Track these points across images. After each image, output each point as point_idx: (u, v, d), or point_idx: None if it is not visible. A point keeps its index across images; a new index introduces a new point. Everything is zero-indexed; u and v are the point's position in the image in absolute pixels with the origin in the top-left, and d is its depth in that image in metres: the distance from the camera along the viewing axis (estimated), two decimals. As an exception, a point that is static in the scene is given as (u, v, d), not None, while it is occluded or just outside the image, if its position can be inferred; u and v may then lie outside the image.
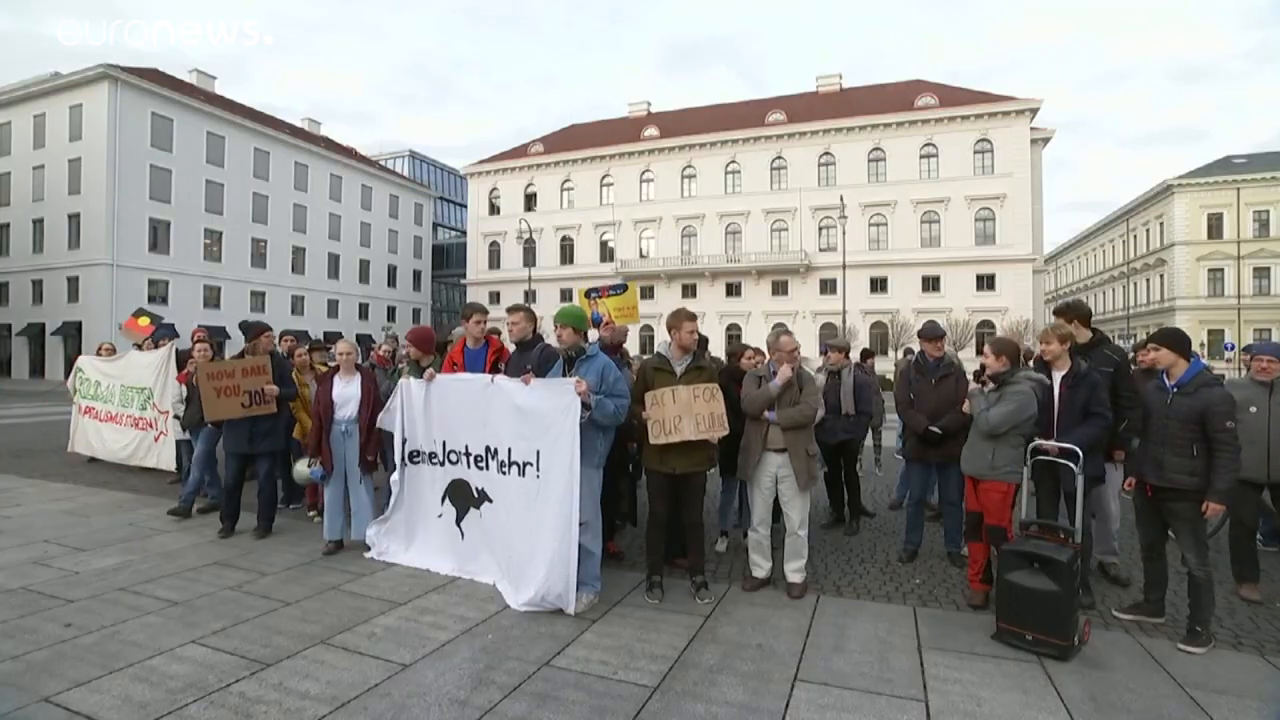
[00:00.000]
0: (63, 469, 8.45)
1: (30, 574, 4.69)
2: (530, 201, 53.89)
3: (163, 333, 9.28)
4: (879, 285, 43.88)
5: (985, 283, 41.81)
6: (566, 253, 52.74)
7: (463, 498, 4.63)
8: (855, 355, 8.17)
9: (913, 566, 5.10)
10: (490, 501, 4.48)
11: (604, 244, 51.44)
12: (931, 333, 5.52)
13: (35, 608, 4.07)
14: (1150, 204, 52.15)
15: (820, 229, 45.28)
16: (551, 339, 4.76)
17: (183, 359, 8.13)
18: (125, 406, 8.27)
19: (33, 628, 3.78)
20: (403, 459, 4.91)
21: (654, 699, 3.11)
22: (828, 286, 44.34)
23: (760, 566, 4.60)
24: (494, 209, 55.40)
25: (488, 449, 4.50)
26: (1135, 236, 55.15)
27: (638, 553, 5.22)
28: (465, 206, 62.24)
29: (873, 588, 4.62)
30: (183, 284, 41.04)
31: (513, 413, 4.32)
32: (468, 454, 4.62)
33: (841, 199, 37.89)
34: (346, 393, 5.33)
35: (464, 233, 62.45)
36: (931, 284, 42.85)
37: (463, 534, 4.66)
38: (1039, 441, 4.19)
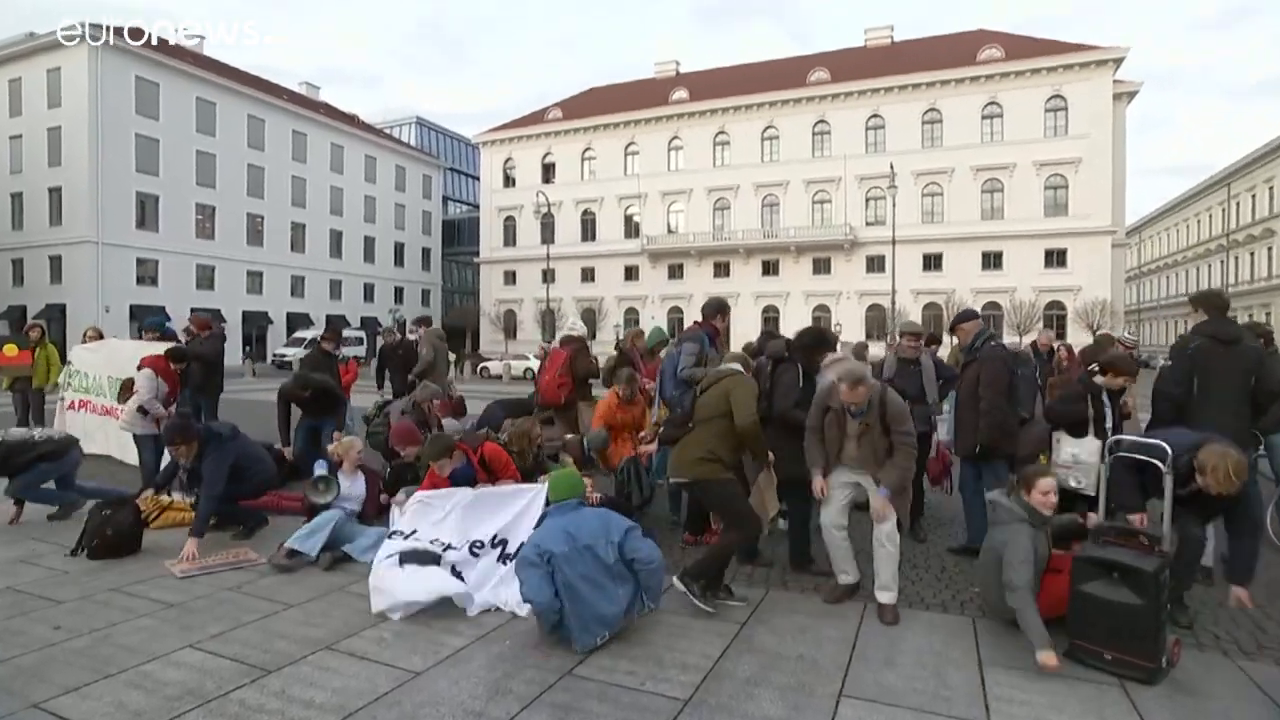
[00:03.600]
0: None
1: (17, 573, 4.82)
2: (548, 172, 53.99)
3: (154, 321, 9.45)
4: (932, 262, 43.26)
5: (1055, 259, 40.93)
6: (588, 228, 52.81)
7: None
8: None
9: (972, 572, 5.02)
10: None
11: (629, 218, 51.40)
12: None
13: (22, 609, 4.18)
14: (1257, 165, 50.12)
15: (867, 200, 44.73)
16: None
17: (181, 352, 8.30)
18: (113, 399, 8.46)
19: (20, 629, 3.88)
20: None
21: (685, 713, 3.11)
22: (875, 264, 43.83)
23: (847, 574, 4.40)
24: (509, 181, 55.61)
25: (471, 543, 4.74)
26: (1238, 204, 53.26)
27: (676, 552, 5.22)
28: (477, 178, 62.59)
29: (926, 595, 4.56)
30: (174, 263, 41.86)
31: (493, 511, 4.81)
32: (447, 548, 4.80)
33: (891, 167, 37.33)
34: (352, 491, 5.59)
35: (476, 207, 62.88)
36: (992, 260, 42.12)
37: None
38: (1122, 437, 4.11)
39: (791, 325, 32.38)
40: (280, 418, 7.36)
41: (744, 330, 45.72)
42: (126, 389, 7.58)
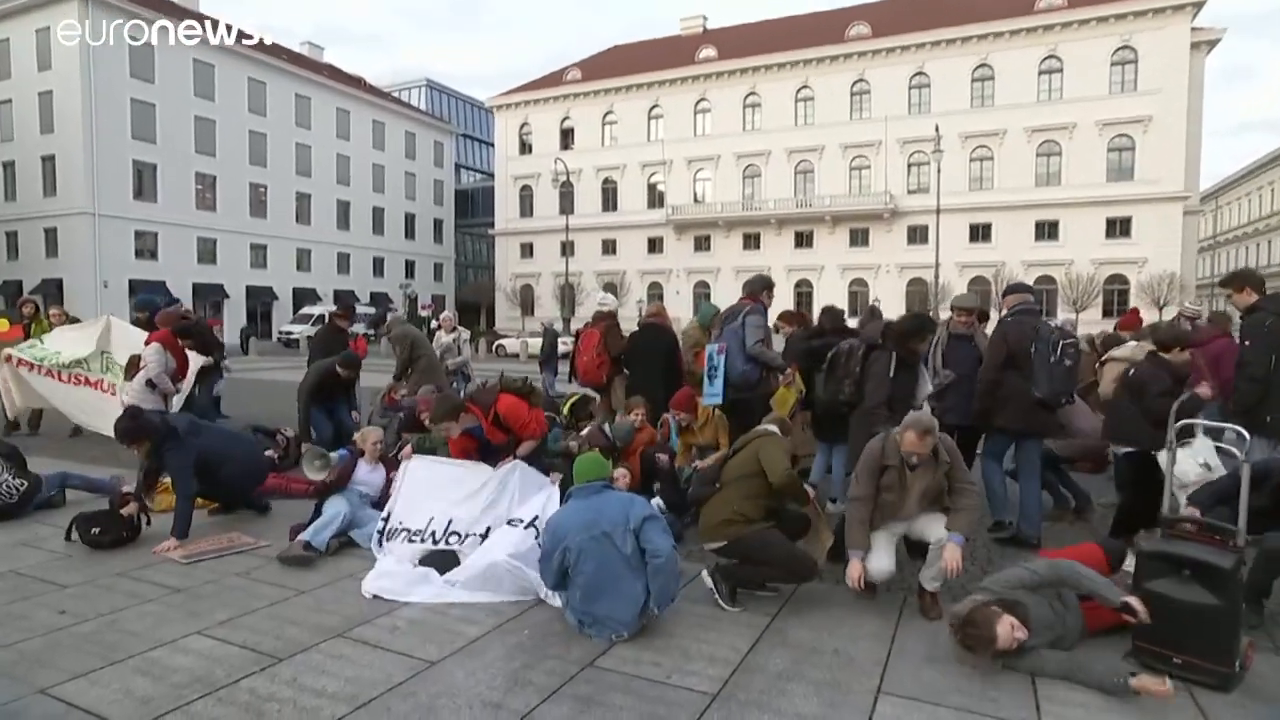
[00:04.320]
0: (48, 444, 8.88)
1: (19, 556, 4.96)
2: (567, 138, 53.89)
3: (145, 299, 9.61)
4: (980, 233, 42.65)
5: (1118, 228, 40.10)
6: (609, 197, 52.74)
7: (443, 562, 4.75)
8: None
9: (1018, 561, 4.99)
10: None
11: (652, 187, 51.22)
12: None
13: (26, 593, 4.31)
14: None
15: (910, 166, 44.14)
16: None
17: (188, 327, 8.46)
18: (78, 369, 8.69)
19: (24, 614, 4.00)
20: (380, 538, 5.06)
21: (714, 708, 3.14)
22: (917, 234, 43.33)
23: (934, 581, 4.23)
24: (525, 147, 55.60)
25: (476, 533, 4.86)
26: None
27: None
28: (492, 145, 62.70)
29: (971, 588, 4.52)
30: (173, 236, 42.48)
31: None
32: (455, 533, 4.92)
33: (937, 129, 36.61)
34: (371, 479, 5.71)
35: (491, 175, 63.02)
36: (1047, 230, 41.42)
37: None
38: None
39: (826, 300, 32.03)
40: (304, 406, 7.51)
41: (777, 301, 45.62)
42: (133, 366, 7.76)
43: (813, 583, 4.60)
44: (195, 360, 8.53)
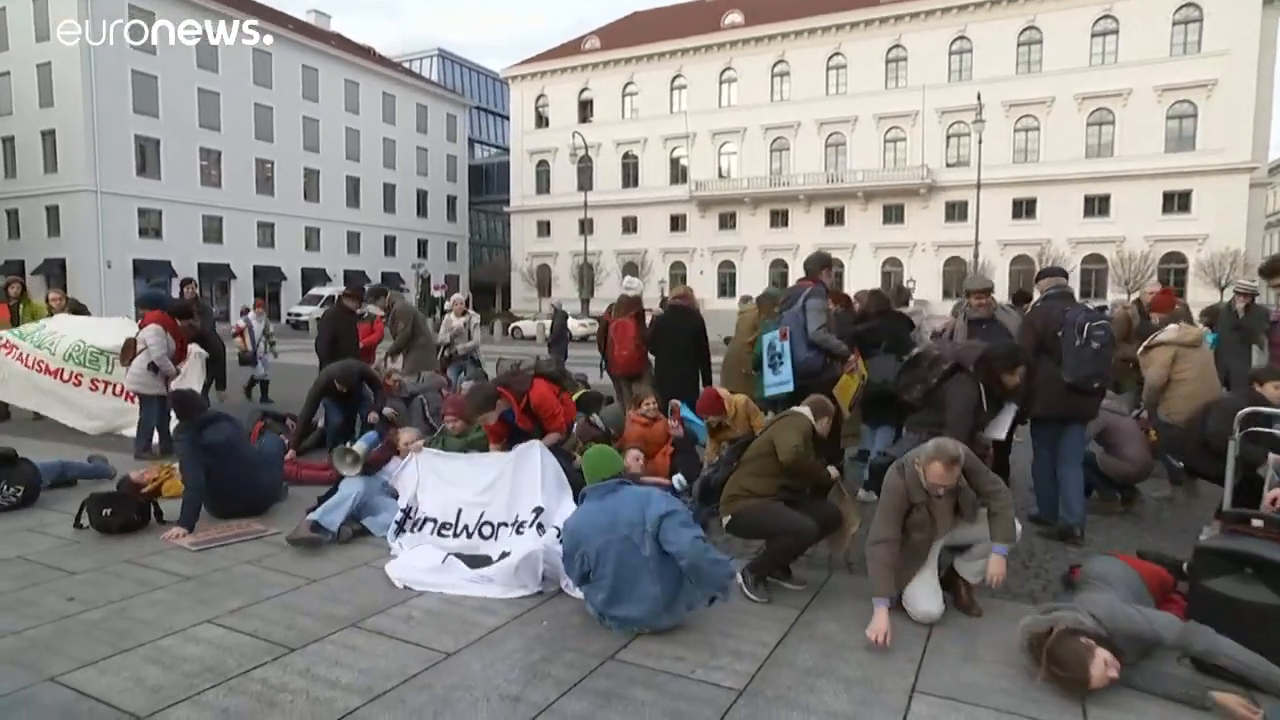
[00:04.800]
0: (55, 427, 9.05)
1: (27, 542, 5.09)
2: (585, 110, 53.71)
3: (151, 295, 9.75)
4: (1024, 209, 42.00)
5: (1176, 202, 39.13)
6: (629, 173, 52.56)
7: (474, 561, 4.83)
8: (1002, 297, 7.98)
9: (1065, 558, 4.96)
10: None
11: (675, 161, 50.97)
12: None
13: (34, 579, 4.43)
14: None
15: (949, 138, 43.51)
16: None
17: (186, 307, 8.59)
18: (83, 366, 8.78)
19: (33, 600, 4.11)
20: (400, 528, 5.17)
21: (740, 704, 3.16)
22: (956, 211, 42.76)
23: (977, 575, 4.21)
24: (541, 120, 55.51)
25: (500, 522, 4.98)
26: None
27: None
28: (507, 118, 62.68)
29: (1013, 584, 4.49)
30: (178, 214, 42.93)
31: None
32: (487, 523, 5.03)
33: (979, 98, 35.80)
34: (394, 470, 5.84)
35: (506, 150, 63.09)
36: (1098, 206, 40.62)
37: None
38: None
39: (858, 282, 31.83)
40: (308, 408, 7.54)
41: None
42: (129, 349, 7.86)
43: (843, 574, 4.61)
44: (195, 356, 8.69)
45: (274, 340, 12.13)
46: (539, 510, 4.85)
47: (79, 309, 10.54)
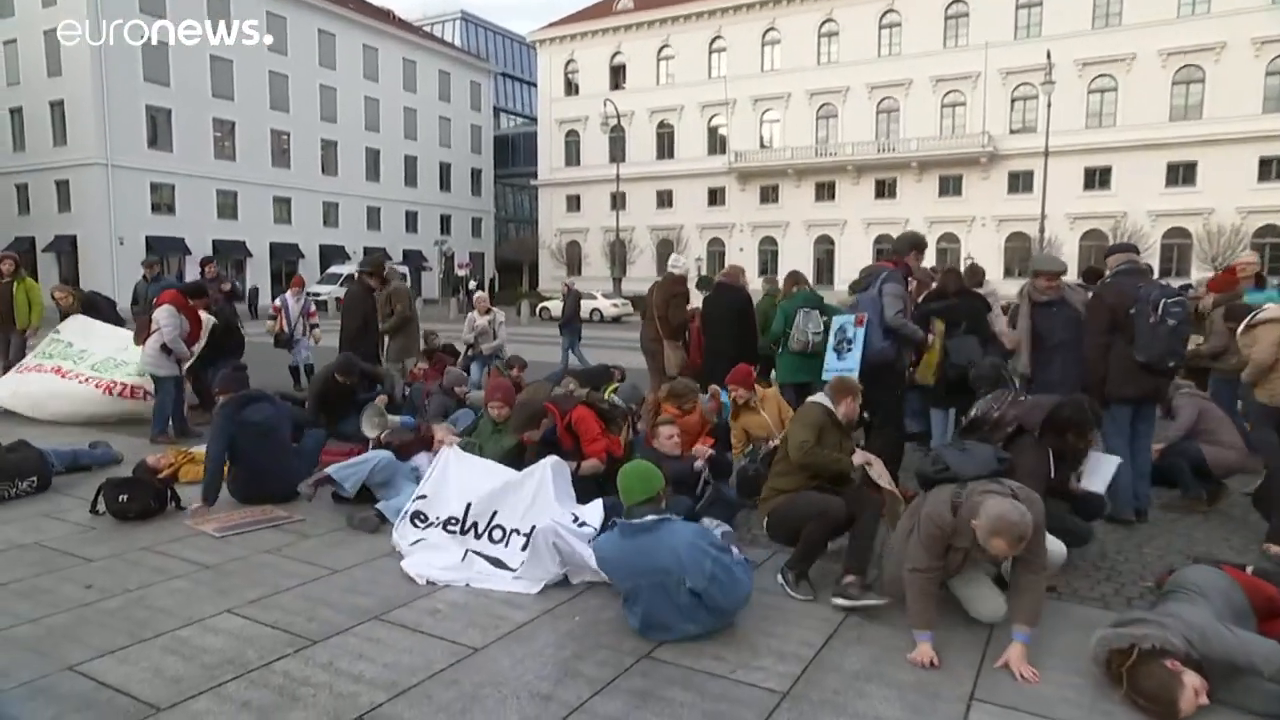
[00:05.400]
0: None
1: (43, 528, 5.27)
2: (617, 76, 53.52)
3: (165, 284, 9.91)
4: (1098, 178, 41.00)
5: (1275, 169, 37.55)
6: (665, 143, 52.35)
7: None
8: (1070, 276, 7.90)
9: (1139, 559, 4.92)
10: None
11: (713, 130, 50.66)
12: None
13: (51, 566, 4.58)
14: None
15: (1013, 101, 42.61)
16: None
17: (199, 287, 8.73)
18: (100, 373, 8.87)
19: (50, 588, 4.26)
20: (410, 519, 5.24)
21: (784, 708, 3.18)
22: (1019, 182, 41.95)
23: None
24: (571, 87, 55.44)
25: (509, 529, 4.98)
26: None
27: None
28: (534, 85, 62.64)
29: (1081, 587, 4.47)
30: (192, 188, 43.60)
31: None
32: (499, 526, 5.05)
33: (1048, 56, 34.91)
34: (421, 459, 6.05)
35: (533, 120, 63.09)
36: (1182, 174, 39.29)
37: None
38: None
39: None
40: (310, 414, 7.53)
41: (853, 258, 44.54)
42: (144, 329, 8.07)
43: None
44: (206, 322, 8.81)
45: (316, 324, 11.80)
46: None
47: (91, 302, 10.29)
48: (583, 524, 4.65)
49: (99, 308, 10.24)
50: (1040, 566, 3.71)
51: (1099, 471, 4.93)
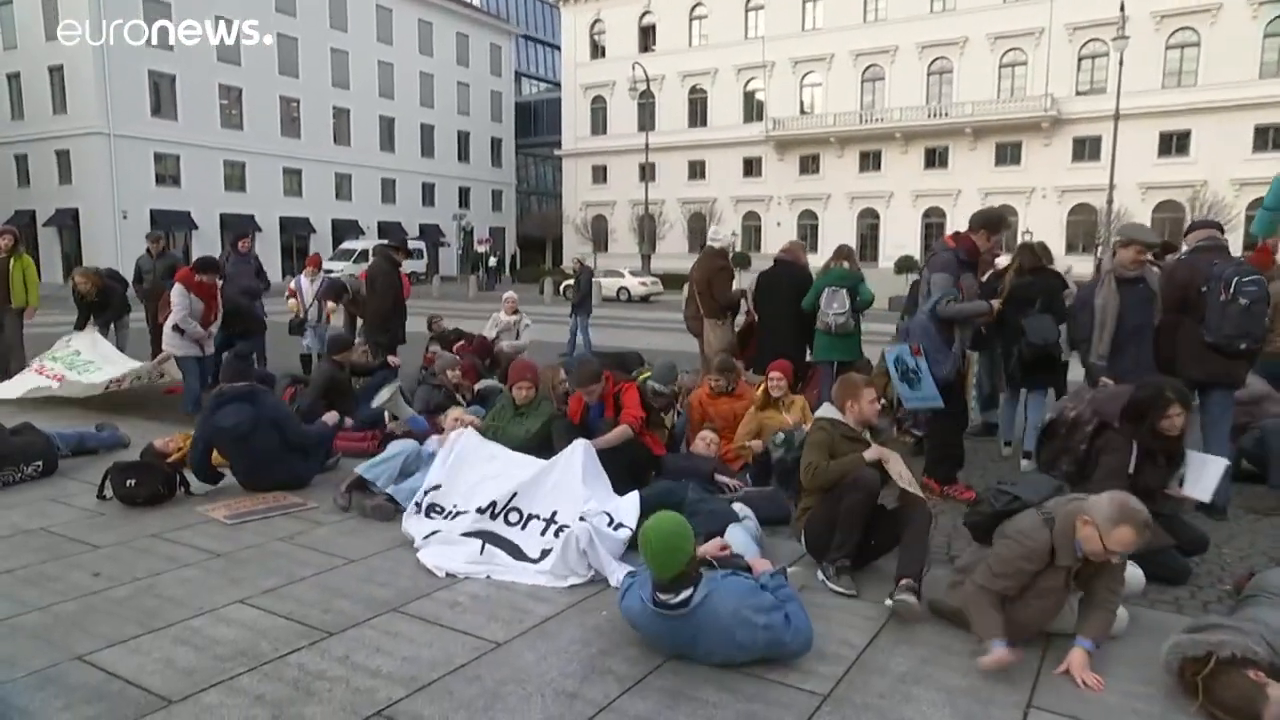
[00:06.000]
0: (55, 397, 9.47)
1: (49, 513, 5.41)
2: (647, 38, 53.28)
3: (171, 259, 10.09)
4: (1174, 144, 40.02)
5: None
6: (697, 110, 52.10)
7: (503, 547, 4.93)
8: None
9: (1218, 560, 4.86)
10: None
11: (749, 95, 50.32)
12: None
13: (58, 552, 4.70)
14: None
15: (1080, 60, 41.79)
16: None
17: (210, 262, 8.89)
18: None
19: (57, 575, 4.37)
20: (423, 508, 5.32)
21: (824, 711, 3.18)
22: (1085, 149, 41.25)
23: None
24: (597, 50, 55.29)
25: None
26: None
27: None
28: (558, 48, 62.56)
29: (1151, 590, 4.37)
30: (197, 159, 44.07)
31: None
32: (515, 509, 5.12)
33: (1122, 7, 33.90)
34: (430, 444, 6.14)
35: (557, 85, 63.00)
36: (1272, 138, 38.07)
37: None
38: None
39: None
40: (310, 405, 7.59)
41: (899, 233, 44.03)
42: (164, 307, 8.30)
43: (943, 566, 4.56)
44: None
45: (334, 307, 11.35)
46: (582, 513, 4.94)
47: (110, 284, 10.56)
48: (618, 525, 4.68)
49: (113, 291, 10.55)
50: (1119, 584, 3.63)
51: (1203, 475, 4.65)
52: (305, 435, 6.27)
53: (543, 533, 4.84)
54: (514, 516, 4.98)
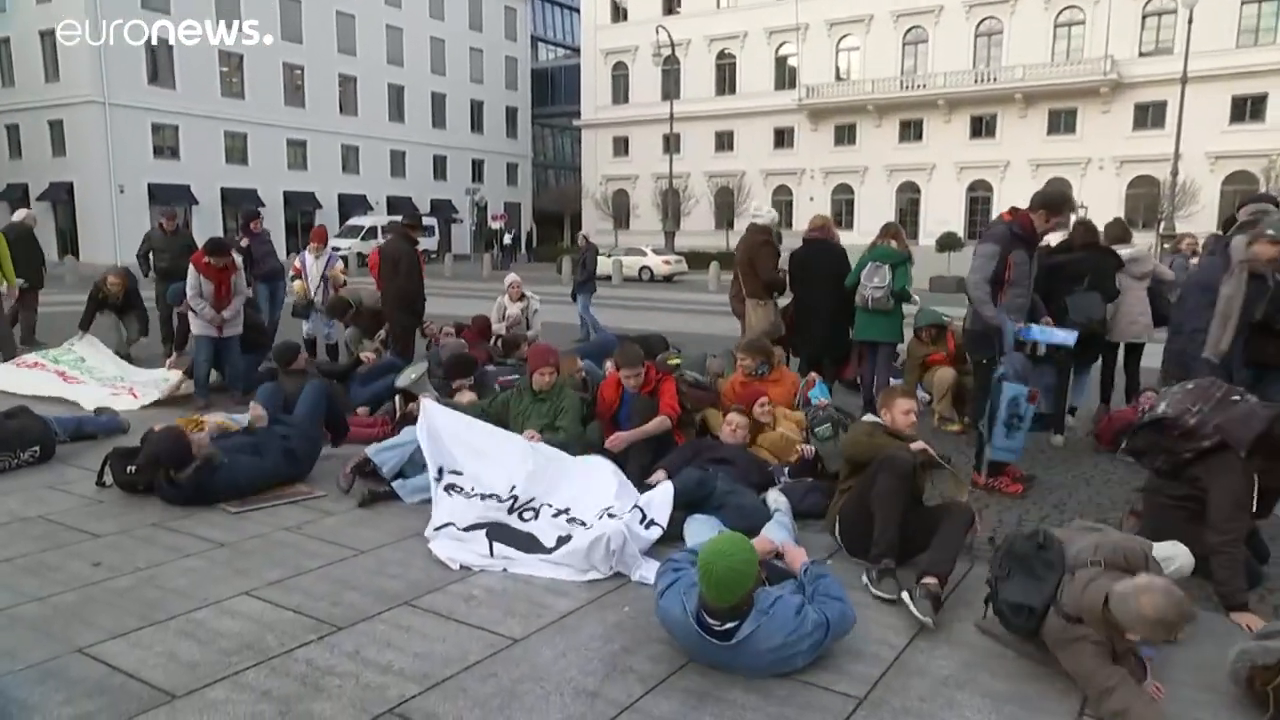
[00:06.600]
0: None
1: (47, 500, 5.50)
2: (671, 0, 52.82)
3: (178, 290, 10.23)
4: (1248, 109, 39.18)
5: None
6: (725, 76, 51.86)
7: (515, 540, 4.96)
8: (1209, 225, 7.91)
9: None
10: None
11: (781, 61, 50.00)
12: None
13: (57, 541, 4.78)
14: None
15: (1144, 18, 41.08)
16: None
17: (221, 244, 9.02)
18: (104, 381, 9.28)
19: (56, 565, 4.44)
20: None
21: (860, 715, 3.19)
22: (1147, 116, 40.64)
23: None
24: (619, 13, 55.13)
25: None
26: None
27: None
28: (576, 11, 62.45)
29: (1214, 591, 4.36)
30: (197, 130, 44.35)
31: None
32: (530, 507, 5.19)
33: (1191, -41, 33.38)
34: None
35: (576, 51, 62.88)
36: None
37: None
38: None
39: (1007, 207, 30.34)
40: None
41: (941, 209, 43.58)
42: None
43: (985, 565, 4.54)
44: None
45: (344, 284, 11.07)
46: (607, 509, 4.99)
47: (134, 286, 10.99)
48: (650, 523, 4.71)
49: (135, 294, 11.07)
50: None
51: None
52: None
53: (564, 519, 4.94)
54: (528, 514, 5.05)
